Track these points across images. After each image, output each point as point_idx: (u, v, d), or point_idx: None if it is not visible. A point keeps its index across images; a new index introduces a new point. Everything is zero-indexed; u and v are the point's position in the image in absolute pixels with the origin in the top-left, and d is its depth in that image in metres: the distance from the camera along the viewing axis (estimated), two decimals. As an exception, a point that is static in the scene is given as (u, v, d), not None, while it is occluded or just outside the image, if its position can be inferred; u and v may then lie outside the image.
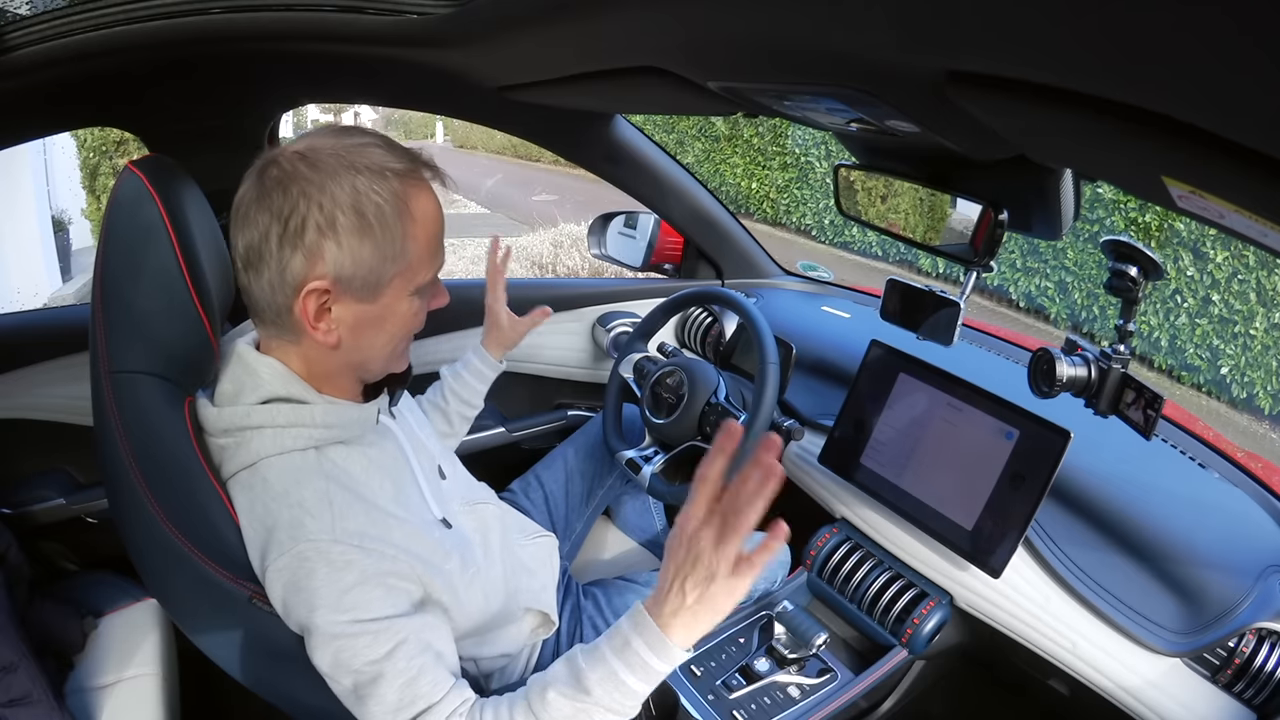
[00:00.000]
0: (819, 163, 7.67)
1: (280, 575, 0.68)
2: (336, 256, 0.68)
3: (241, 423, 0.72)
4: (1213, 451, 1.07)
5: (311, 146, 0.69)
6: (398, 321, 0.75)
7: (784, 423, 1.24)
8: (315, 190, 0.67)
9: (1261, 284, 4.69)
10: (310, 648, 0.69)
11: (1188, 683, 0.85)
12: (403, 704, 0.68)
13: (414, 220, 0.71)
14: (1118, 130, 0.37)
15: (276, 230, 0.68)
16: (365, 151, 0.69)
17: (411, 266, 0.72)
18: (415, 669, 0.68)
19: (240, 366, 0.75)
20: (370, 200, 0.68)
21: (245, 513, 0.72)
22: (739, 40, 0.55)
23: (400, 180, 0.70)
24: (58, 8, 0.80)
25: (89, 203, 6.31)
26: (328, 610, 0.67)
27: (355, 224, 0.68)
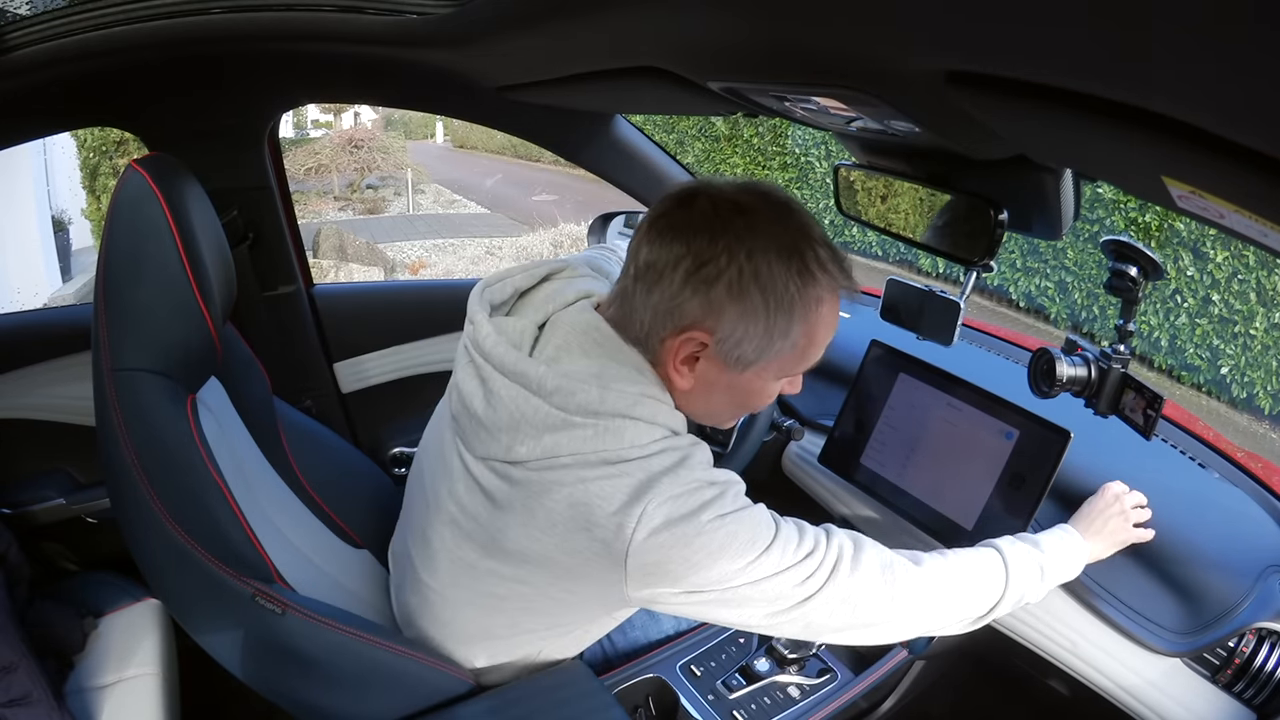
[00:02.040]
0: (819, 163, 7.67)
1: (664, 505, 0.65)
2: (733, 322, 0.67)
3: (625, 410, 0.68)
4: (1213, 451, 1.07)
5: (757, 206, 0.68)
6: (751, 396, 0.75)
7: (784, 423, 1.24)
8: (743, 252, 0.66)
9: (1261, 284, 4.69)
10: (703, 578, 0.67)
11: (1188, 683, 0.85)
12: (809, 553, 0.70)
13: (815, 323, 0.70)
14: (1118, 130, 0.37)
15: (688, 265, 0.67)
16: (807, 243, 0.68)
17: (791, 360, 0.72)
18: (793, 525, 0.72)
19: (613, 355, 0.71)
20: (787, 293, 0.67)
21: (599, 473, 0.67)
22: (739, 40, 0.55)
23: (823, 285, 0.69)
24: (58, 8, 0.80)
25: (89, 203, 6.31)
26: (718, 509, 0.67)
27: (763, 304, 0.67)
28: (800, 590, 0.69)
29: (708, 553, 0.66)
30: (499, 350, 0.71)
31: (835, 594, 0.71)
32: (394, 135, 12.00)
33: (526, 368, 0.69)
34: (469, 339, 0.75)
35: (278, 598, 0.76)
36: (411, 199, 10.48)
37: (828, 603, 0.71)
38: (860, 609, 0.72)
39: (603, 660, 1.08)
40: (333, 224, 8.21)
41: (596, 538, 0.66)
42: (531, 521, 0.68)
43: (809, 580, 0.70)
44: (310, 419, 1.12)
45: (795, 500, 1.27)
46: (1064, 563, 0.84)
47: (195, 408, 0.79)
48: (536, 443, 0.68)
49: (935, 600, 0.76)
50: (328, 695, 0.81)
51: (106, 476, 0.79)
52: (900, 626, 0.76)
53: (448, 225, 9.22)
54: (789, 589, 0.69)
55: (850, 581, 0.71)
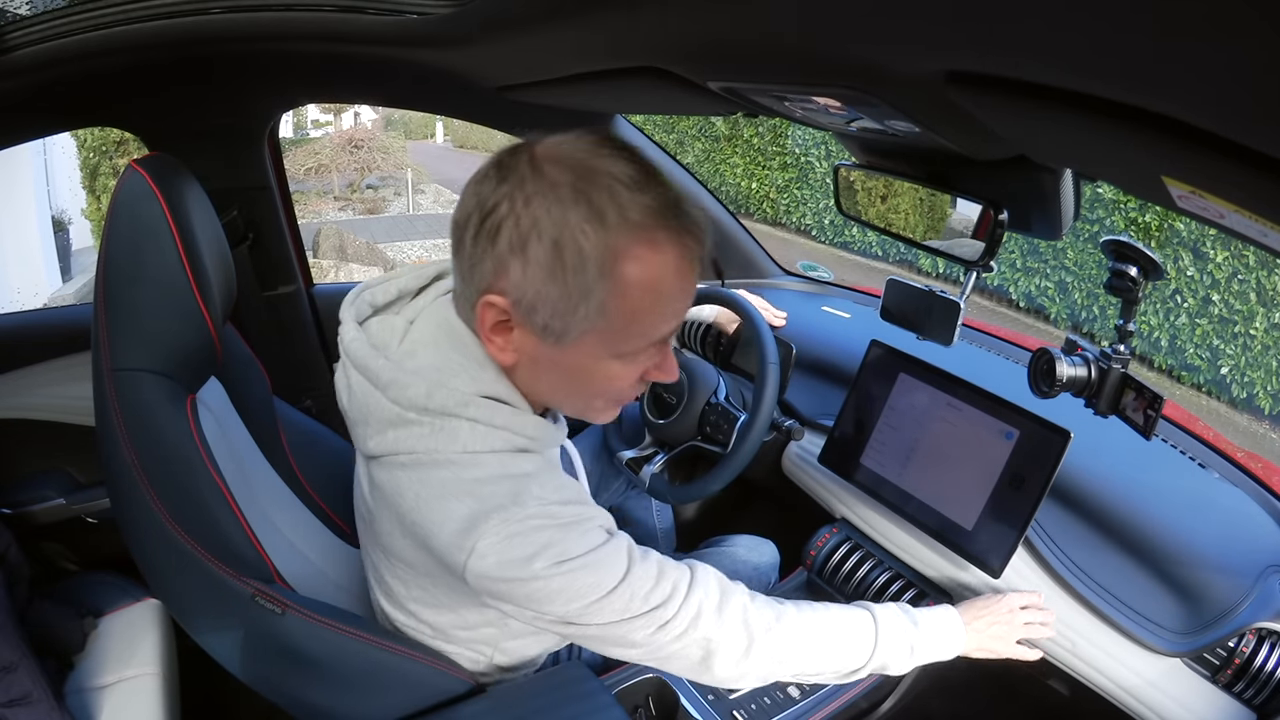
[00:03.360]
0: (819, 163, 7.67)
1: (497, 543, 0.62)
2: (519, 281, 0.60)
3: (455, 410, 0.65)
4: (1213, 451, 1.07)
5: (554, 151, 0.60)
6: (590, 381, 0.66)
7: (784, 423, 1.24)
8: (522, 200, 0.58)
9: (1261, 284, 4.69)
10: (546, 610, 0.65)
11: (1188, 683, 0.85)
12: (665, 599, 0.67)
13: (624, 284, 0.59)
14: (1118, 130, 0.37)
15: (476, 220, 0.61)
16: (608, 184, 0.58)
17: (613, 331, 0.62)
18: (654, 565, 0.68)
19: (454, 346, 0.68)
20: (574, 242, 0.58)
21: (437, 485, 0.65)
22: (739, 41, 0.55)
23: (624, 234, 0.58)
24: (58, 8, 0.80)
25: (89, 203, 6.32)
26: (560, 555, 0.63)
27: (547, 259, 0.58)
28: (657, 637, 0.67)
29: (545, 595, 0.63)
30: (355, 345, 0.70)
31: (692, 643, 0.69)
32: (394, 135, 12.01)
33: (370, 361, 0.68)
34: (340, 341, 0.74)
35: (278, 598, 0.76)
36: (411, 199, 10.48)
37: (685, 651, 0.69)
38: (719, 659, 0.70)
39: (603, 660, 1.08)
40: (333, 224, 8.21)
41: (436, 557, 0.66)
42: (393, 529, 0.69)
43: (664, 628, 0.67)
44: (310, 419, 1.12)
45: (795, 500, 1.27)
46: (936, 646, 0.84)
47: (195, 408, 0.79)
48: (382, 437, 0.67)
49: (796, 656, 0.75)
50: (328, 695, 0.81)
51: (106, 477, 0.79)
52: (759, 677, 0.74)
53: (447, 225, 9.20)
54: (643, 636, 0.67)
55: (709, 632, 0.69)
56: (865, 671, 0.79)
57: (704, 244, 0.63)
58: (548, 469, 0.69)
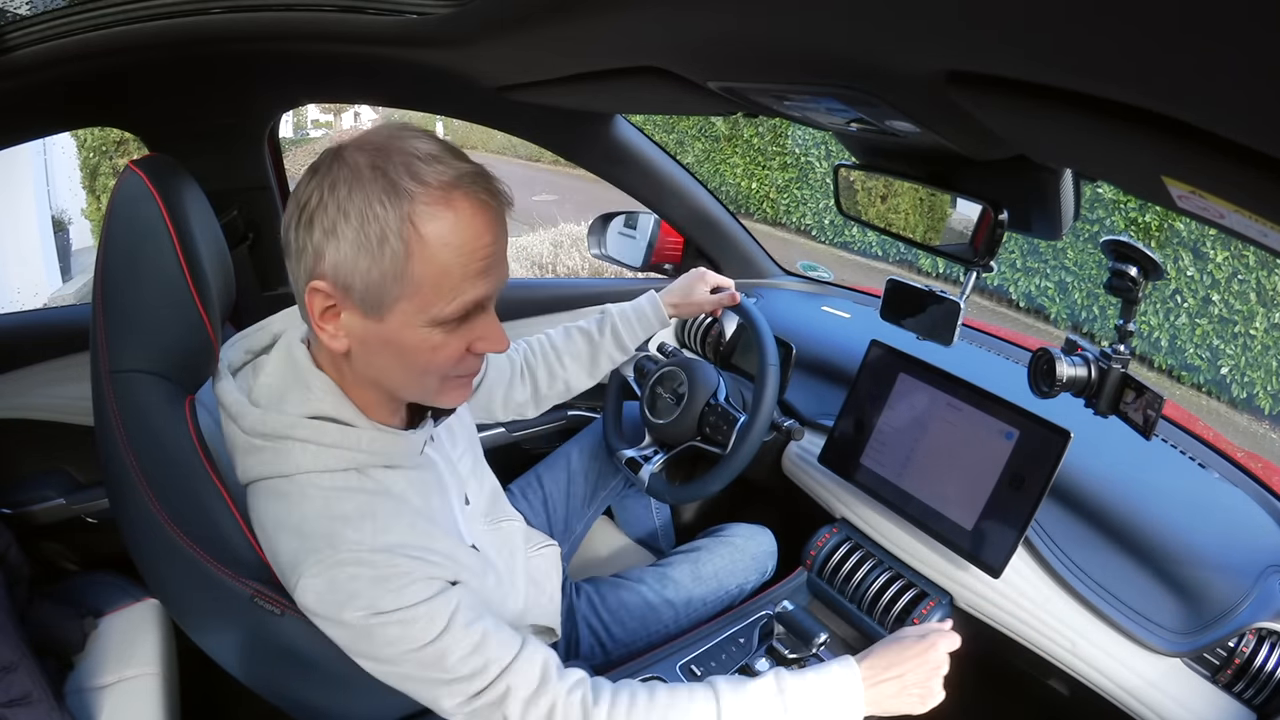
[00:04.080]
0: (819, 163, 7.67)
1: (316, 583, 0.66)
2: (335, 261, 0.63)
3: (285, 432, 0.69)
4: (1213, 451, 1.07)
5: (361, 140, 0.64)
6: (416, 353, 0.67)
7: (784, 423, 1.24)
8: (329, 187, 0.63)
9: (1261, 284, 4.69)
10: (358, 651, 0.68)
11: (1188, 683, 0.85)
12: (476, 670, 0.67)
13: (424, 244, 0.62)
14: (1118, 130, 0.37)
15: (296, 216, 0.64)
16: (404, 160, 0.62)
17: (422, 295, 0.64)
18: (478, 634, 0.68)
19: (291, 370, 0.72)
20: (375, 215, 0.62)
21: (273, 518, 0.69)
22: (739, 40, 0.55)
23: (419, 197, 0.62)
24: (58, 8, 0.80)
25: (89, 203, 6.32)
26: (370, 606, 0.65)
27: (355, 236, 0.62)
28: (468, 705, 0.68)
29: (353, 637, 0.67)
30: (220, 385, 0.75)
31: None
32: (394, 135, 11.97)
33: (222, 393, 0.73)
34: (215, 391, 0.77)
35: (276, 598, 0.76)
36: (411, 199, 10.45)
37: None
38: None
39: (603, 660, 1.08)
40: (333, 224, 8.19)
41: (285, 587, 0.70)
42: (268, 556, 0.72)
43: (475, 698, 0.68)
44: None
45: (795, 500, 1.27)
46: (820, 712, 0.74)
47: (194, 409, 0.79)
48: (242, 463, 0.72)
49: None
50: (326, 695, 0.81)
51: (105, 478, 0.79)
52: None
53: (448, 225, 9.18)
54: (453, 704, 0.68)
55: (523, 713, 0.68)
56: None
57: (505, 207, 0.66)
58: (382, 509, 0.69)
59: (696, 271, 1.19)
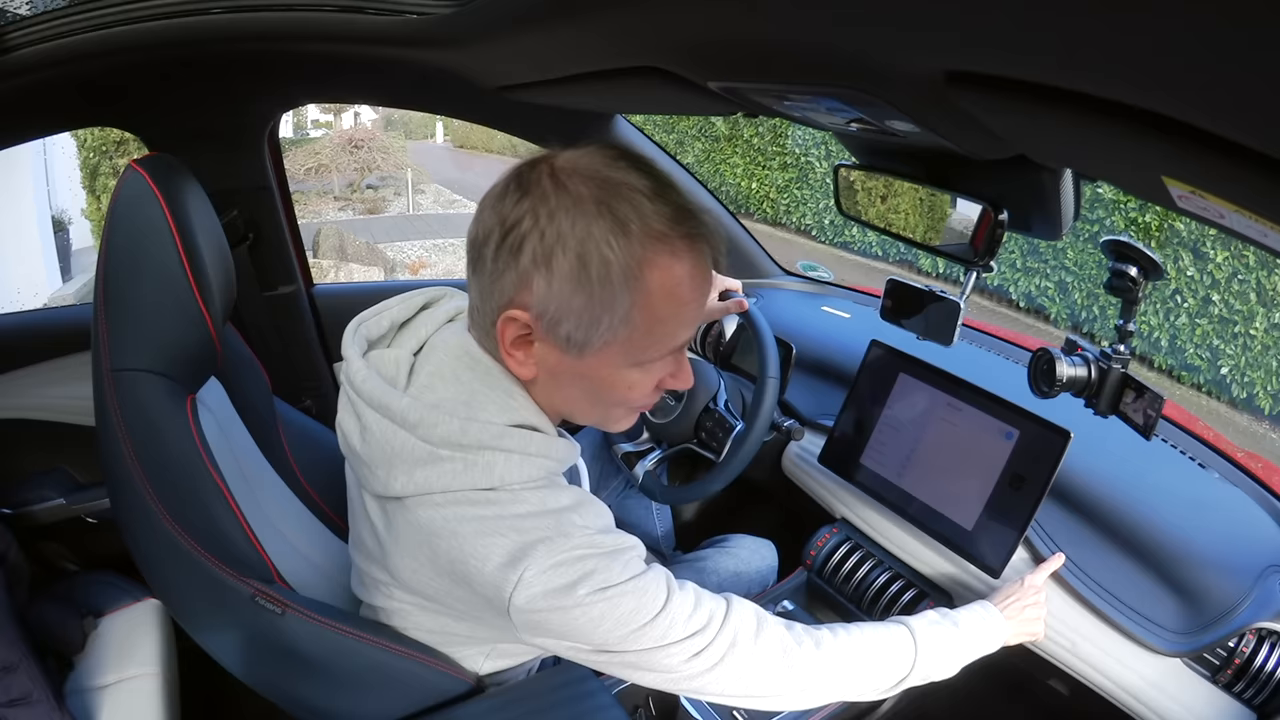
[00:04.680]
0: (819, 163, 7.67)
1: (546, 570, 0.62)
2: (544, 295, 0.60)
3: (491, 442, 0.64)
4: (1213, 451, 1.07)
5: (573, 164, 0.61)
6: (610, 390, 0.67)
7: (784, 423, 1.24)
8: (546, 214, 0.59)
9: (1261, 284, 4.69)
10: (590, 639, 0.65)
11: (1188, 683, 0.85)
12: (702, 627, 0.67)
13: (648, 292, 0.61)
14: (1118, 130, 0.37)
15: (497, 237, 0.61)
16: (627, 194, 0.60)
17: (634, 339, 0.63)
18: (691, 593, 0.68)
19: (481, 378, 0.68)
20: (599, 253, 0.59)
21: (472, 527, 0.64)
22: (739, 40, 0.55)
23: (648, 244, 0.60)
24: (58, 8, 0.80)
25: (89, 203, 6.32)
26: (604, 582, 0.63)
27: (572, 271, 0.59)
28: (693, 664, 0.67)
29: (588, 621, 0.64)
30: (368, 384, 0.68)
31: (730, 670, 0.69)
32: (394, 135, 12.01)
33: (391, 400, 0.66)
34: (344, 377, 0.71)
35: (277, 598, 0.76)
36: (411, 199, 10.48)
37: (721, 678, 0.69)
38: (756, 685, 0.70)
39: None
40: (333, 224, 8.22)
41: (479, 593, 0.65)
42: (420, 567, 0.68)
43: (701, 655, 0.67)
44: (310, 419, 1.12)
45: (795, 500, 1.27)
46: (979, 642, 0.83)
47: (195, 408, 0.79)
48: (410, 478, 0.65)
49: (834, 678, 0.74)
50: (328, 695, 0.81)
51: (106, 477, 0.79)
52: (798, 701, 0.74)
53: (448, 225, 9.21)
54: (679, 662, 0.67)
55: (746, 660, 0.69)
56: (910, 683, 0.79)
57: (718, 250, 0.65)
58: (586, 499, 0.69)
59: None
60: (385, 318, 0.75)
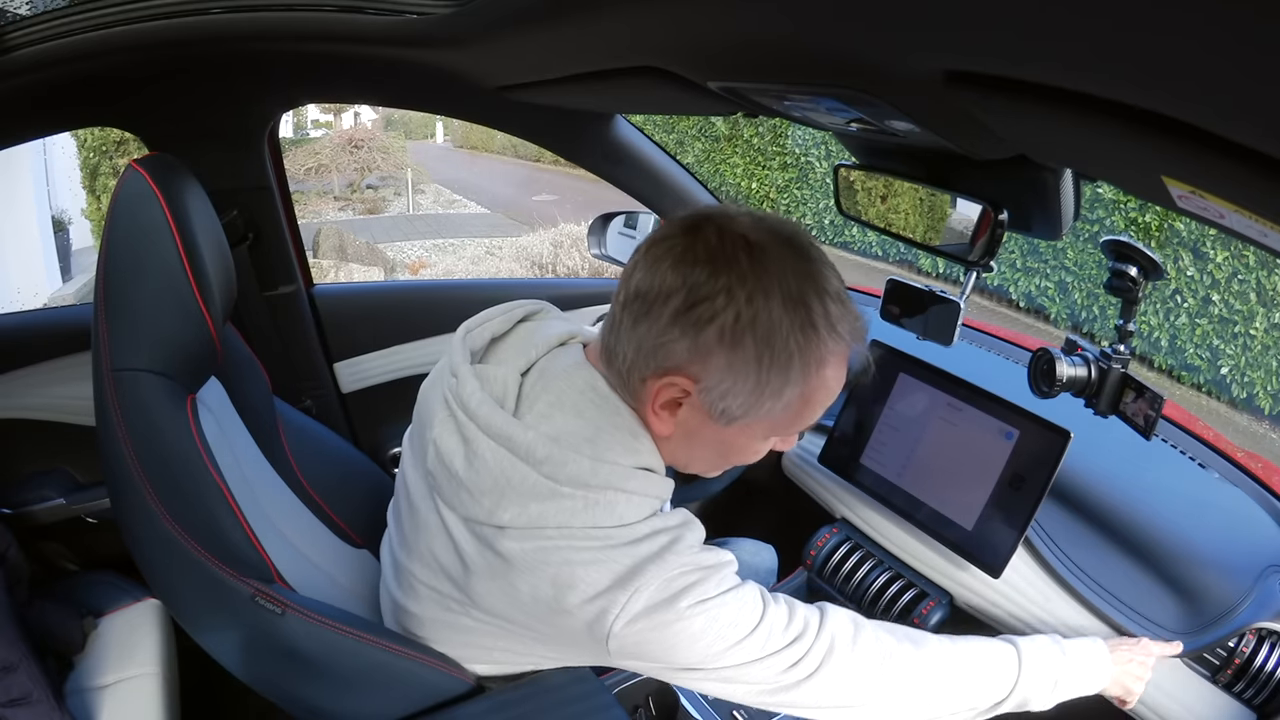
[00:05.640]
0: (819, 163, 7.67)
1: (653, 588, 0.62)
2: (720, 372, 0.61)
3: (618, 484, 0.64)
4: (1213, 451, 1.07)
5: (767, 242, 0.62)
6: (734, 452, 0.69)
7: (784, 423, 1.24)
8: (744, 296, 0.59)
9: (1261, 284, 4.69)
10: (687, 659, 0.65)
11: (1188, 683, 0.85)
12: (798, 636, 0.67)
13: (814, 385, 0.64)
14: (1118, 130, 0.37)
15: (679, 301, 0.60)
16: (819, 290, 0.62)
17: (785, 419, 0.66)
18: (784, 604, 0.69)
19: (609, 417, 0.67)
20: (785, 344, 0.60)
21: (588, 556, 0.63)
22: (739, 40, 0.55)
23: (830, 344, 0.62)
24: (58, 8, 0.80)
25: (89, 203, 6.32)
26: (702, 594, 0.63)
27: (756, 355, 0.60)
28: (788, 675, 0.67)
29: (688, 636, 0.63)
30: (484, 409, 0.66)
31: (826, 681, 0.68)
32: (394, 135, 12.00)
33: (514, 431, 0.64)
34: (450, 392, 0.69)
35: (277, 598, 0.76)
36: (411, 199, 10.48)
37: (817, 689, 0.68)
38: (853, 697, 0.70)
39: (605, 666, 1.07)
40: (333, 224, 8.22)
41: (578, 618, 0.64)
42: (513, 593, 0.65)
43: (797, 665, 0.67)
44: (310, 419, 1.12)
45: (795, 500, 1.27)
46: (1081, 679, 0.79)
47: (195, 408, 0.79)
48: (522, 510, 0.63)
49: (932, 688, 0.73)
50: (328, 695, 0.81)
51: (106, 477, 0.79)
52: (890, 713, 0.73)
53: (448, 225, 9.22)
54: (775, 674, 0.67)
55: (844, 669, 0.68)
56: (1006, 707, 0.76)
57: None
58: (690, 519, 0.69)
59: None
60: (487, 330, 0.74)
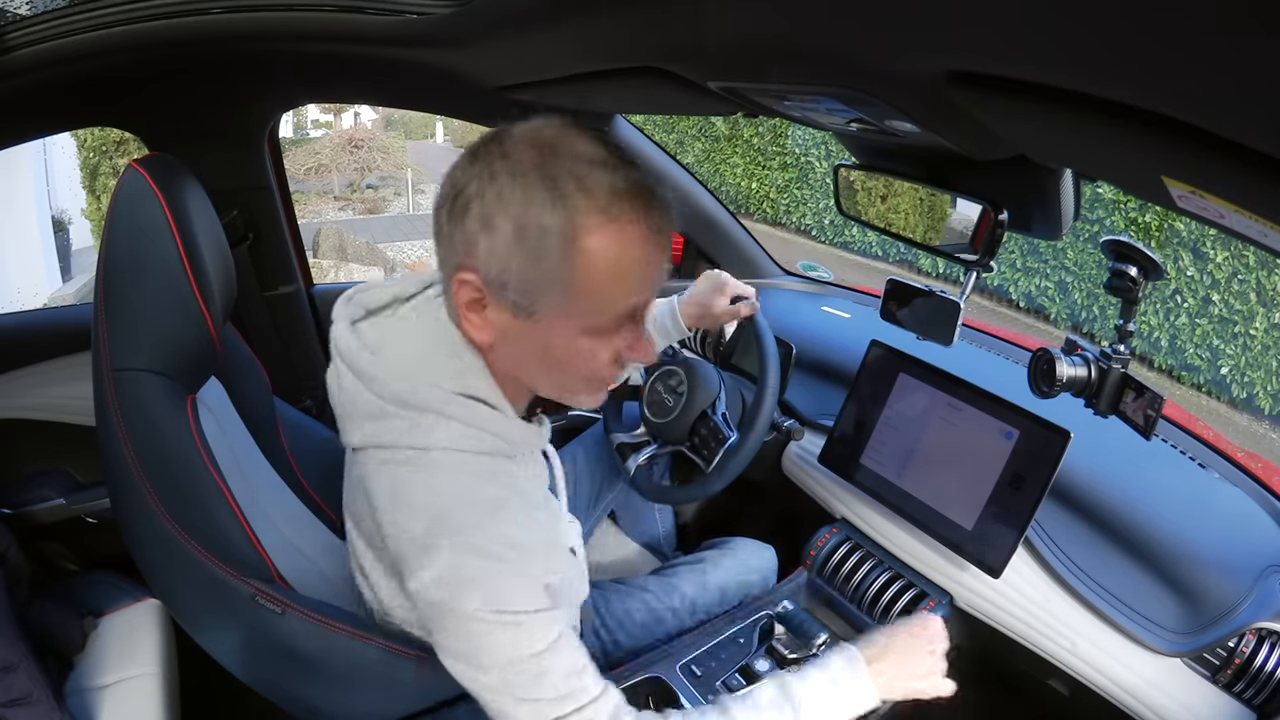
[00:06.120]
0: (819, 163, 7.67)
1: (442, 565, 0.64)
2: (488, 257, 0.61)
3: (436, 406, 0.67)
4: (1213, 451, 1.07)
5: (525, 135, 0.61)
6: (566, 361, 0.66)
7: (784, 423, 1.24)
8: (489, 180, 0.60)
9: (1261, 284, 4.69)
10: (458, 650, 0.66)
11: (1188, 683, 0.85)
12: (567, 694, 0.66)
13: (584, 258, 0.60)
14: (1118, 130, 0.37)
15: (450, 200, 0.63)
16: (572, 165, 0.60)
17: (577, 307, 0.63)
18: (578, 660, 0.68)
19: (439, 342, 0.69)
20: (536, 221, 0.59)
21: (403, 494, 0.67)
22: (739, 40, 0.55)
23: (587, 211, 0.59)
24: (58, 8, 0.80)
25: (89, 203, 6.32)
26: (491, 602, 0.64)
27: (511, 236, 0.60)
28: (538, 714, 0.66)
29: (463, 634, 0.65)
30: (345, 344, 0.71)
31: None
32: (394, 135, 12.01)
33: (357, 356, 0.69)
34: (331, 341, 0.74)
35: (277, 597, 0.76)
36: (411, 199, 10.48)
37: None
38: None
39: (603, 660, 1.07)
40: (333, 224, 8.22)
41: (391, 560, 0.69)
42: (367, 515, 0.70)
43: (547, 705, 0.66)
44: (310, 419, 1.12)
45: (795, 500, 1.27)
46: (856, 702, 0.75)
47: (195, 407, 0.79)
48: (360, 429, 0.69)
49: None
50: (327, 694, 0.81)
51: (106, 477, 0.79)
52: None
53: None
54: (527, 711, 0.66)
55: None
56: None
57: (671, 223, 0.64)
58: (517, 503, 0.69)
59: (714, 278, 1.14)
60: (388, 290, 0.76)
